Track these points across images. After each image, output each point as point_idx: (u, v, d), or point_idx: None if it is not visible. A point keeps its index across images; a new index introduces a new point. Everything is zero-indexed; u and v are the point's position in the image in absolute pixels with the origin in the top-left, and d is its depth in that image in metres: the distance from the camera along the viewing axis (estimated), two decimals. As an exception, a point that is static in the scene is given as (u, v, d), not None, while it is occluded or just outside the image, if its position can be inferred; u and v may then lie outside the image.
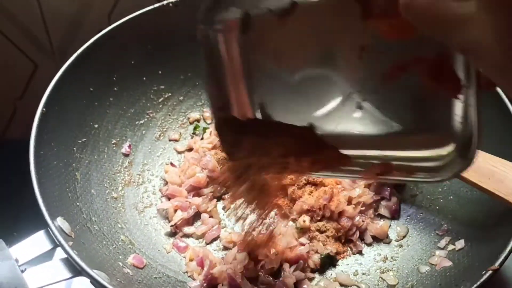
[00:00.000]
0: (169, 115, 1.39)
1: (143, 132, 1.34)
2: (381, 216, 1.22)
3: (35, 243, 0.96)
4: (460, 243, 1.09)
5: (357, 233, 1.18)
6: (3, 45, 1.52)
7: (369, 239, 1.18)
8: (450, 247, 1.10)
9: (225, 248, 1.17)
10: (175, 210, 1.20)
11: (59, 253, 1.08)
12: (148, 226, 1.20)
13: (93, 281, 0.92)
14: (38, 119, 1.09)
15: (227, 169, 0.99)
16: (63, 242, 0.93)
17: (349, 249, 1.18)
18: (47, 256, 1.00)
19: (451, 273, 1.05)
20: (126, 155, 1.29)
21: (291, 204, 1.23)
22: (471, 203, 1.13)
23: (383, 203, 1.23)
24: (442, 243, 1.12)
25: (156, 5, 1.32)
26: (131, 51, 1.32)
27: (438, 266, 1.08)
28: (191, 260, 1.14)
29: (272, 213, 1.17)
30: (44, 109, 1.10)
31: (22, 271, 0.90)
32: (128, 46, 1.31)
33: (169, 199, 1.23)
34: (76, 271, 0.93)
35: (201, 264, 1.12)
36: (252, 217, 1.03)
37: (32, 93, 1.65)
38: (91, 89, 1.25)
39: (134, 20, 1.29)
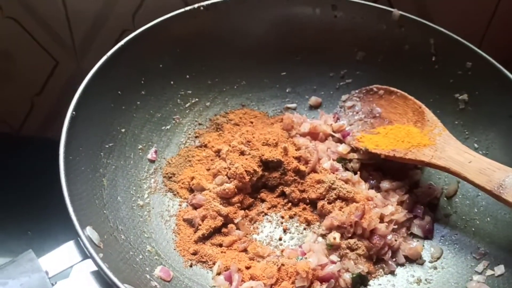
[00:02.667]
0: (196, 121, 1.35)
1: (170, 137, 1.31)
2: (414, 235, 1.19)
3: (64, 254, 0.93)
4: (500, 269, 1.06)
5: (389, 253, 1.15)
6: (25, 41, 1.49)
7: (401, 259, 1.15)
8: (489, 272, 1.07)
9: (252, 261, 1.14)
10: (202, 220, 1.17)
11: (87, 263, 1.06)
12: (174, 236, 1.16)
13: (124, 296, 0.88)
14: (68, 123, 1.05)
15: None
16: (95, 255, 0.89)
17: (380, 269, 1.14)
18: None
19: (491, 300, 1.03)
20: (152, 161, 1.26)
21: (320, 218, 1.20)
22: (510, 226, 1.10)
23: (416, 221, 1.20)
24: (480, 267, 1.09)
25: (187, 8, 1.30)
26: (159, 54, 1.30)
27: (476, 291, 1.05)
28: (218, 273, 1.10)
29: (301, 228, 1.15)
30: (74, 112, 1.07)
31: (52, 284, 0.86)
32: (157, 49, 1.28)
33: (195, 208, 1.20)
34: (106, 285, 0.90)
35: (229, 279, 1.08)
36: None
37: (51, 90, 1.63)
38: (119, 92, 1.22)
39: (163, 23, 1.27)
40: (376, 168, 1.28)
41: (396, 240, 1.15)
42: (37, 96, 1.65)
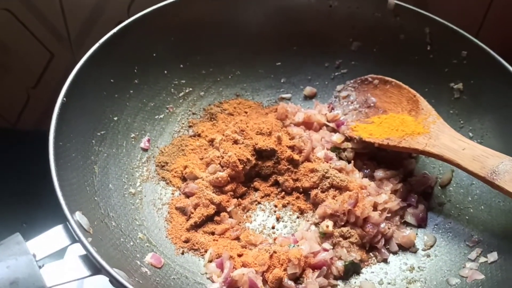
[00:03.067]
0: (189, 110, 1.35)
1: (163, 126, 1.30)
2: (407, 224, 1.18)
3: (52, 238, 0.92)
4: (493, 256, 1.05)
5: (383, 241, 1.14)
6: (20, 34, 1.49)
7: (394, 247, 1.14)
8: (482, 259, 1.06)
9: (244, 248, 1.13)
10: (195, 208, 1.16)
11: (75, 248, 1.05)
12: (166, 224, 1.16)
13: (113, 279, 0.87)
14: (59, 109, 1.05)
15: None
16: (83, 238, 0.88)
17: (373, 257, 1.13)
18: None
19: (483, 286, 1.01)
20: (145, 150, 1.25)
21: (314, 207, 1.19)
22: (504, 214, 1.10)
23: (410, 210, 1.19)
24: (473, 254, 1.08)
25: (181, -4, 1.29)
26: (153, 43, 1.29)
27: (469, 278, 1.04)
28: (210, 261, 1.09)
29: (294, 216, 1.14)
30: (64, 99, 1.06)
31: (40, 267, 0.85)
32: (151, 38, 1.28)
33: (188, 196, 1.19)
34: (95, 269, 0.89)
35: (220, 266, 1.07)
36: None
37: (47, 82, 1.62)
38: (111, 80, 1.21)
39: (157, 11, 1.27)
40: (370, 157, 1.27)
41: (389, 228, 1.14)
42: (33, 89, 1.64)
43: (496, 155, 1.04)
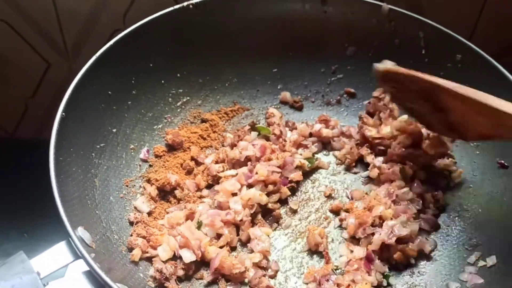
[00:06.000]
0: (187, 120, 1.35)
1: (162, 136, 1.31)
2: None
3: (55, 255, 0.92)
4: (492, 259, 1.06)
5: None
6: (17, 44, 1.49)
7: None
8: (481, 263, 1.07)
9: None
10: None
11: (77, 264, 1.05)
12: (167, 235, 1.17)
13: (117, 295, 0.88)
14: (58, 124, 1.05)
15: None
16: (86, 255, 0.89)
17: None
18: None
19: (483, 291, 1.03)
20: (145, 161, 1.26)
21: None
22: (502, 217, 1.11)
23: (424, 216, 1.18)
24: (472, 258, 1.09)
25: (176, 6, 1.30)
26: (149, 53, 1.29)
27: (469, 283, 1.05)
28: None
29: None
30: (63, 113, 1.07)
31: (44, 285, 0.86)
32: (147, 49, 1.28)
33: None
34: (99, 285, 0.90)
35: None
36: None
37: (44, 92, 1.62)
38: (109, 92, 1.22)
39: (153, 21, 1.27)
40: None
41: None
42: (31, 99, 1.64)
43: None
